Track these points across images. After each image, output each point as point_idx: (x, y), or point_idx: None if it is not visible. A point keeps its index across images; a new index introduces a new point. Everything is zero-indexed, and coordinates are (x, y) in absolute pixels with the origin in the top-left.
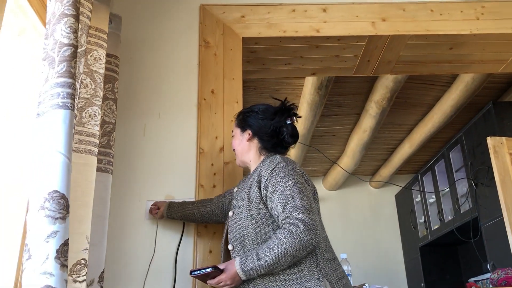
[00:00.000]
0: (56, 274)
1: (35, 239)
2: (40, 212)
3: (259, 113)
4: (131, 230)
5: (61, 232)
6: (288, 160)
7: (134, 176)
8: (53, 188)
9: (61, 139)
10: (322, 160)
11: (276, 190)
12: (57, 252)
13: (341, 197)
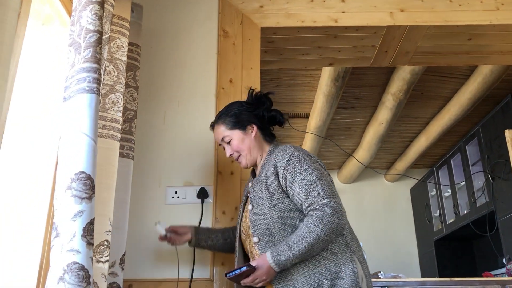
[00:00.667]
0: (83, 251)
1: (62, 218)
2: (67, 192)
3: (248, 106)
4: (152, 215)
5: (87, 212)
6: (300, 148)
7: (154, 163)
8: (80, 169)
9: (87, 122)
10: (337, 153)
11: (296, 178)
12: (83, 230)
13: (356, 190)
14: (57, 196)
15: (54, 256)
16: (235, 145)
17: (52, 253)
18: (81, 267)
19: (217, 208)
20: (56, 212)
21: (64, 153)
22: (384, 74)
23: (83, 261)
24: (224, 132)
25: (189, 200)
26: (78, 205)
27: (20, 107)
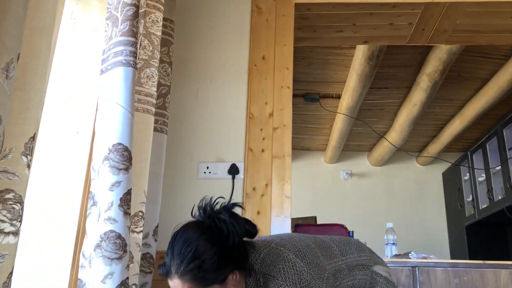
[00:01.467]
0: (120, 220)
1: (99, 187)
2: (104, 163)
3: (224, 250)
4: (183, 189)
5: (124, 182)
6: (295, 281)
7: (187, 138)
8: (117, 141)
9: (124, 95)
10: (369, 134)
11: None
12: (121, 200)
13: (386, 173)
14: (94, 166)
15: (91, 224)
16: None
17: (88, 221)
18: (118, 236)
19: (247, 185)
20: (93, 181)
21: (101, 125)
22: (420, 54)
23: (120, 230)
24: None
25: (220, 176)
26: (115, 176)
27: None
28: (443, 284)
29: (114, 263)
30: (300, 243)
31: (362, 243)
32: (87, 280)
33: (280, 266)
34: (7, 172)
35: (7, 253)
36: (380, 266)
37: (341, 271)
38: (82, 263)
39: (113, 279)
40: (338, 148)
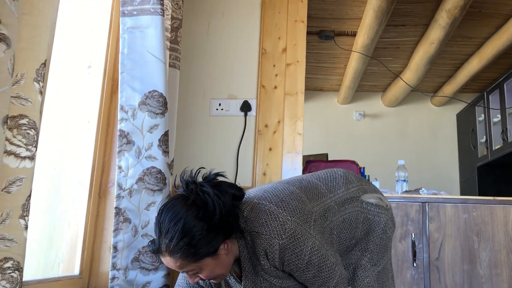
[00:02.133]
0: (160, 158)
1: (135, 128)
2: (141, 107)
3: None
4: (196, 126)
5: (161, 125)
6: (283, 230)
7: (199, 74)
8: (153, 88)
9: (157, 46)
10: (383, 74)
11: (294, 273)
12: (159, 141)
13: (400, 113)
14: (125, 107)
15: (127, 161)
16: (207, 275)
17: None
18: (159, 171)
19: (259, 122)
20: (125, 121)
21: (129, 69)
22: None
23: (160, 166)
24: (184, 267)
25: (232, 113)
26: (153, 120)
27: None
28: (452, 219)
29: (156, 194)
30: (283, 192)
31: (349, 173)
32: (129, 208)
33: (263, 220)
34: (20, 97)
35: (24, 176)
36: (369, 194)
37: (330, 209)
38: (120, 194)
39: (155, 207)
40: (351, 89)
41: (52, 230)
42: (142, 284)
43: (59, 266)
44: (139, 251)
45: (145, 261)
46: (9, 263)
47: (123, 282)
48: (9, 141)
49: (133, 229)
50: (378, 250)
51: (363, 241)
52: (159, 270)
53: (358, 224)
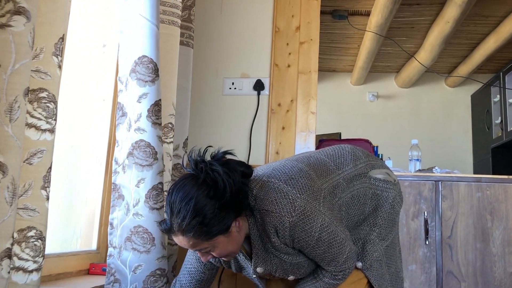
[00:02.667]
0: (149, 130)
1: (128, 99)
2: (131, 75)
3: (223, 203)
4: (210, 105)
5: (151, 94)
6: (294, 207)
7: (212, 53)
8: (142, 54)
9: (149, 7)
10: (397, 54)
11: (304, 249)
12: (148, 111)
13: (413, 94)
14: (121, 78)
15: (122, 134)
16: (219, 253)
17: (118, 131)
18: (148, 145)
19: (272, 100)
20: (121, 93)
21: (125, 37)
22: None
23: (150, 139)
24: (197, 245)
25: (245, 92)
26: (142, 88)
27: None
28: (466, 198)
29: (146, 169)
30: (292, 169)
31: (356, 149)
32: (122, 184)
33: (272, 198)
34: (39, 71)
35: (44, 148)
36: (377, 169)
37: (339, 185)
38: (116, 169)
39: (145, 183)
40: (365, 69)
41: (70, 207)
42: (134, 265)
43: (77, 241)
44: (131, 230)
45: (136, 242)
46: (32, 232)
47: (117, 261)
48: (29, 114)
49: (125, 206)
50: (386, 225)
51: (371, 216)
52: (151, 252)
53: (367, 200)
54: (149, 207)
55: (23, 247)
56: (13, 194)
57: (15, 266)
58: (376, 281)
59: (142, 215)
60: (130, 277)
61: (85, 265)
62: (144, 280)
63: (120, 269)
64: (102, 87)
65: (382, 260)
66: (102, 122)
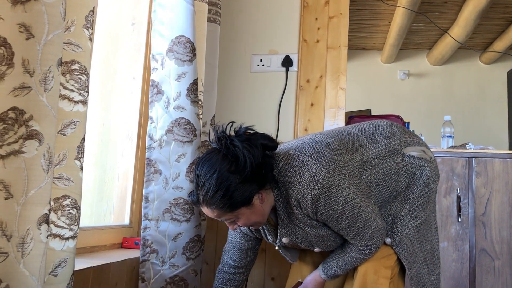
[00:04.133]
0: (189, 108)
1: (164, 78)
2: (168, 54)
3: (244, 177)
4: (237, 82)
5: (189, 73)
6: (315, 182)
7: (240, 30)
8: (180, 33)
9: None
10: (429, 31)
11: (327, 222)
12: (187, 90)
13: (446, 72)
14: (155, 56)
15: (159, 111)
16: (243, 223)
17: (153, 108)
18: (188, 122)
19: (301, 77)
20: (155, 71)
21: (159, 16)
22: None
23: (189, 117)
24: (221, 216)
25: (273, 69)
26: (180, 67)
27: None
28: (500, 175)
29: (186, 145)
30: (319, 143)
31: (393, 125)
32: (159, 160)
33: (296, 171)
34: (71, 44)
35: (78, 120)
36: (412, 147)
37: (370, 161)
38: (151, 145)
39: (185, 159)
40: (396, 46)
41: (102, 182)
42: (174, 234)
43: (110, 216)
44: (170, 203)
45: (176, 213)
46: (68, 201)
47: (154, 232)
48: (62, 86)
49: (164, 180)
50: (420, 202)
51: (403, 193)
52: (190, 221)
53: (400, 177)
54: (190, 180)
55: (59, 215)
56: (49, 162)
57: (52, 233)
58: (405, 257)
59: (183, 188)
60: (170, 245)
61: (118, 239)
62: (184, 247)
63: (159, 240)
64: (132, 65)
65: (414, 238)
66: (132, 100)
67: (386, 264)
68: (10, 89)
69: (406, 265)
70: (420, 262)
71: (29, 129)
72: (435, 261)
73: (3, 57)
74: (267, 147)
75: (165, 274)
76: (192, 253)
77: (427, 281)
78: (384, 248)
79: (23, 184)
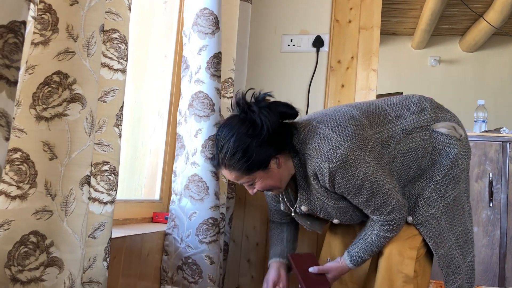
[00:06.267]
0: (207, 82)
1: (190, 52)
2: (193, 28)
3: (261, 139)
4: (267, 62)
5: (210, 46)
6: (334, 154)
7: (270, 9)
8: (203, 6)
9: None
10: (463, 16)
11: (347, 195)
12: (207, 63)
13: (479, 59)
14: (185, 31)
15: (185, 86)
16: (260, 186)
17: (182, 83)
18: (206, 96)
19: (332, 57)
20: (185, 46)
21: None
22: None
23: (208, 91)
24: (239, 178)
25: (304, 49)
26: (202, 40)
27: None
28: None
29: (203, 120)
30: (342, 116)
31: (425, 99)
32: (183, 135)
33: (316, 143)
34: (112, 13)
35: (117, 88)
36: (442, 123)
37: (395, 136)
38: (179, 120)
39: (202, 134)
40: (427, 32)
41: (134, 158)
42: (190, 212)
43: (141, 191)
44: (188, 179)
45: (193, 190)
46: (106, 167)
47: (177, 207)
48: (103, 54)
49: (185, 156)
50: (447, 181)
51: (428, 172)
52: (204, 201)
53: (426, 154)
54: (205, 157)
55: (98, 179)
56: (91, 126)
57: (92, 197)
58: (430, 238)
59: (199, 165)
60: (186, 223)
61: (148, 213)
62: (197, 228)
63: (179, 215)
64: (164, 44)
65: (441, 218)
66: (164, 77)
67: (411, 245)
68: (54, 53)
69: (432, 245)
70: (450, 243)
71: (73, 92)
72: (469, 242)
73: (48, 23)
74: (286, 114)
75: (182, 252)
76: (206, 236)
77: (461, 263)
78: (409, 228)
79: (66, 145)
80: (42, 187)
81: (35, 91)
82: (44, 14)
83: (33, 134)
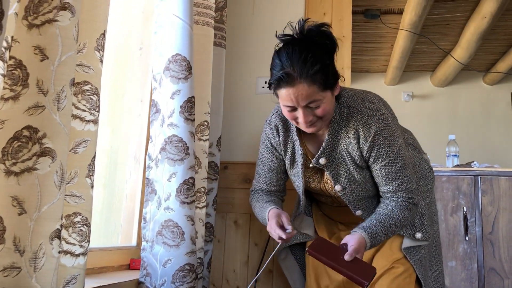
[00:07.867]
0: (181, 126)
1: (161, 96)
2: (165, 73)
3: (328, 55)
4: (243, 104)
5: (184, 91)
6: (382, 116)
7: (245, 53)
8: (176, 52)
9: (182, 7)
10: (432, 53)
11: (378, 162)
12: (181, 107)
13: (450, 93)
14: (155, 76)
15: (155, 130)
16: (323, 109)
17: (152, 127)
18: (180, 140)
19: None
20: (155, 91)
21: (160, 37)
22: None
23: (182, 134)
24: (315, 95)
25: None
26: (175, 85)
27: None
28: (507, 192)
29: (177, 164)
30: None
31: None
32: (154, 179)
33: (367, 104)
34: (83, 65)
35: (89, 138)
36: (427, 156)
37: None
38: (149, 164)
39: (176, 178)
40: (399, 69)
41: (110, 203)
42: (164, 259)
43: (118, 236)
44: (161, 225)
45: (167, 236)
46: (78, 218)
47: (149, 255)
48: (74, 106)
49: (157, 201)
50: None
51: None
52: (180, 247)
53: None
54: (180, 201)
55: (70, 231)
56: (61, 179)
57: (63, 249)
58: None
59: (173, 209)
60: (160, 271)
61: (126, 260)
62: (173, 275)
63: (151, 263)
64: (139, 89)
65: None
66: (140, 122)
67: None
68: (25, 108)
69: None
70: None
71: (43, 146)
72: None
73: (19, 78)
74: None
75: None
76: (183, 283)
77: None
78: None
79: (36, 200)
80: (10, 243)
81: (4, 146)
82: (15, 70)
83: (2, 189)
